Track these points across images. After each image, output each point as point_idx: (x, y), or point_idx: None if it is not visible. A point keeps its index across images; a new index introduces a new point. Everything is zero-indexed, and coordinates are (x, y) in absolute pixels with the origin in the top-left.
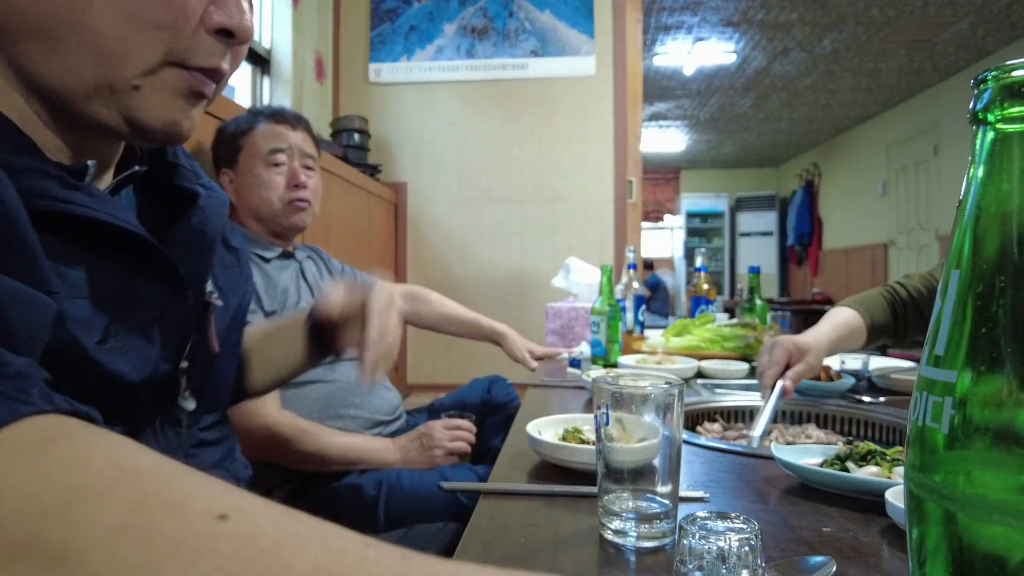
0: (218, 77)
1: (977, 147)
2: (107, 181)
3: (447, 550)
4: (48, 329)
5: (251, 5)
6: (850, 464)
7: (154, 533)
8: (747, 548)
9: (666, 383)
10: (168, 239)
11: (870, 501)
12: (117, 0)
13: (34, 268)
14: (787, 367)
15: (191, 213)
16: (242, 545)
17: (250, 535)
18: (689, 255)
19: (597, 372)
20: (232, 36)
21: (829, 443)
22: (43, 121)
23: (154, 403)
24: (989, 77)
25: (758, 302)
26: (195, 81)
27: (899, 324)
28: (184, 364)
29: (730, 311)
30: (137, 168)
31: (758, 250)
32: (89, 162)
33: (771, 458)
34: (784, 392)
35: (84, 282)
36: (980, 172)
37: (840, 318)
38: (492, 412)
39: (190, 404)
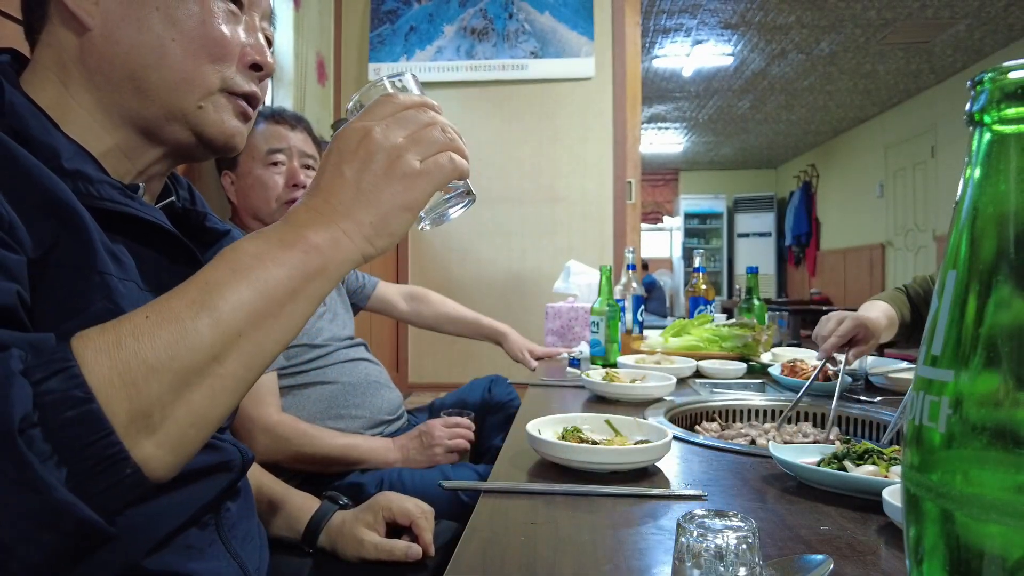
0: (255, 103)
1: (974, 148)
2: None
3: (447, 548)
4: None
5: (270, 44)
6: (847, 463)
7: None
8: (745, 546)
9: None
10: (205, 258)
11: (867, 500)
12: (186, 43)
13: (92, 251)
14: (849, 342)
15: (225, 242)
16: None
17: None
18: (687, 256)
19: (597, 371)
20: (260, 69)
21: (827, 442)
22: (122, 150)
23: None
24: (986, 79)
25: (756, 302)
26: (241, 106)
27: (916, 323)
28: None
29: (728, 311)
30: (174, 199)
31: (756, 251)
32: (140, 183)
33: (769, 457)
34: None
35: (133, 268)
36: (977, 173)
37: (884, 309)
38: (492, 411)
39: None
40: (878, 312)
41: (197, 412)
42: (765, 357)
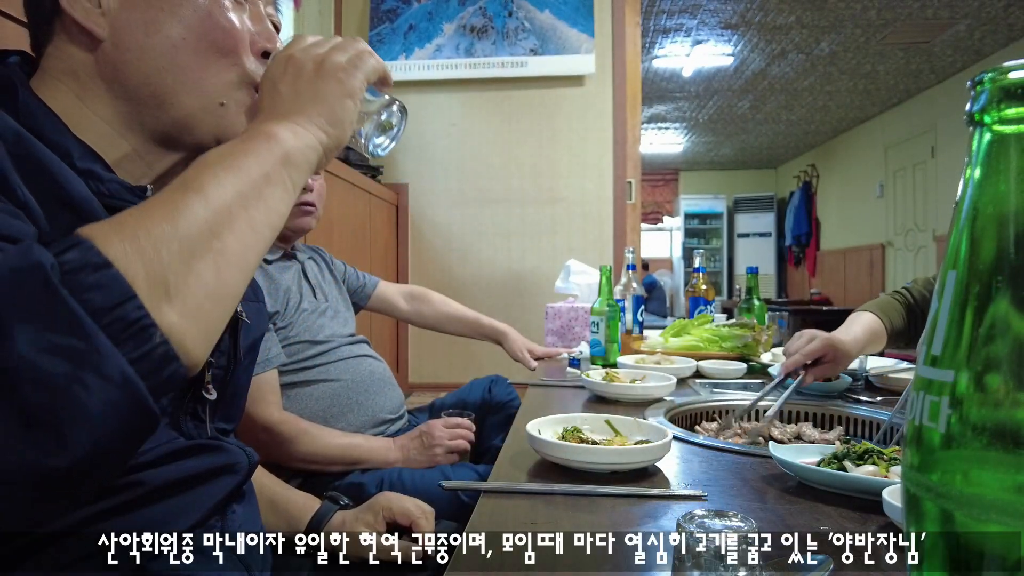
0: None
1: (974, 148)
2: None
3: (447, 548)
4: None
5: (278, 31)
6: (847, 463)
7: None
8: (745, 546)
9: None
10: None
11: (867, 500)
12: (195, 40)
13: None
14: (815, 361)
15: None
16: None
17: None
18: (687, 256)
19: (597, 371)
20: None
21: (826, 443)
22: (140, 155)
23: (185, 386)
24: (986, 79)
25: (756, 302)
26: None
27: (913, 328)
28: (211, 359)
29: (728, 312)
30: None
31: (756, 251)
32: (148, 185)
33: (769, 457)
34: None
35: None
36: (977, 173)
37: (866, 323)
38: (492, 412)
39: (211, 395)
40: (858, 330)
41: (207, 284)
42: (765, 357)
